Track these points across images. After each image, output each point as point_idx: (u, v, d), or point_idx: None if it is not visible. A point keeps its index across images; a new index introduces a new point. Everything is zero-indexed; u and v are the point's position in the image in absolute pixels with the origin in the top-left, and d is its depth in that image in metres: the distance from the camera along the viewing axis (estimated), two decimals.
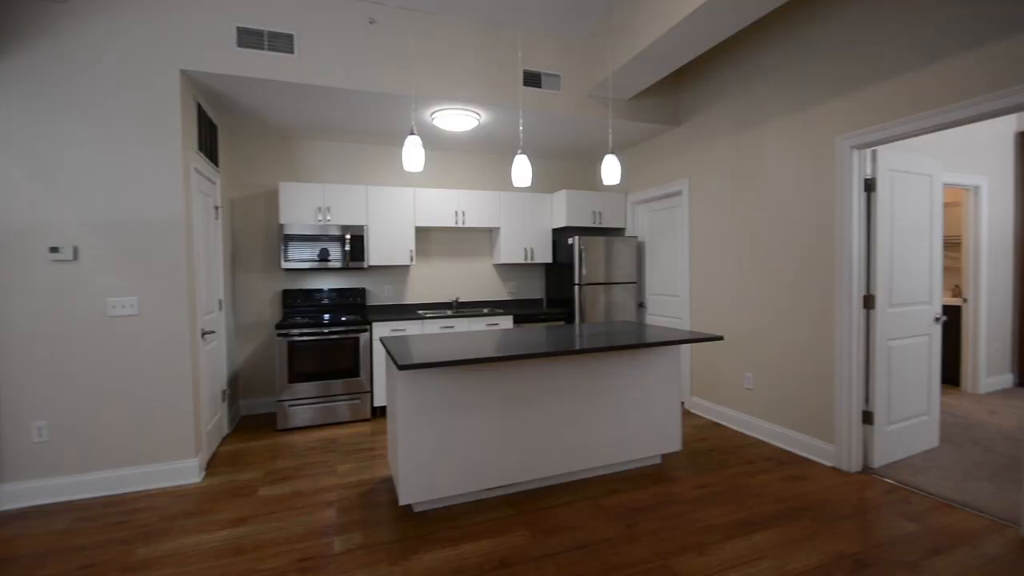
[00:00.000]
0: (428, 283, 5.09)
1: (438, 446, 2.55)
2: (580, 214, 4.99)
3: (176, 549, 2.28)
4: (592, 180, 5.75)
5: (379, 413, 4.38)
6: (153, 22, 2.91)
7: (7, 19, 2.65)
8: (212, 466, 3.27)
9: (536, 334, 3.07)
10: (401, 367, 2.13)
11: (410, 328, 4.35)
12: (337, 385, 4.13)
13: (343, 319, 4.17)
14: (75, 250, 2.79)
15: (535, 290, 5.54)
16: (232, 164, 4.39)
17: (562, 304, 5.03)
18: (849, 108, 2.96)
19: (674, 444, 3.15)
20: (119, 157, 2.85)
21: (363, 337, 4.18)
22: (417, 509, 2.60)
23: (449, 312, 4.55)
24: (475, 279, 5.28)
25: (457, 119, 3.93)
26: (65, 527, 2.49)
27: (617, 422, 2.98)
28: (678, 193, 4.46)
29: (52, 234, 2.75)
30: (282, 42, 3.17)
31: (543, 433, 2.79)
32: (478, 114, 3.93)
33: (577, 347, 2.54)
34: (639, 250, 5.07)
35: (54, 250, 2.74)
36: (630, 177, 5.16)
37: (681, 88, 4.37)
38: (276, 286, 4.56)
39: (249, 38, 3.10)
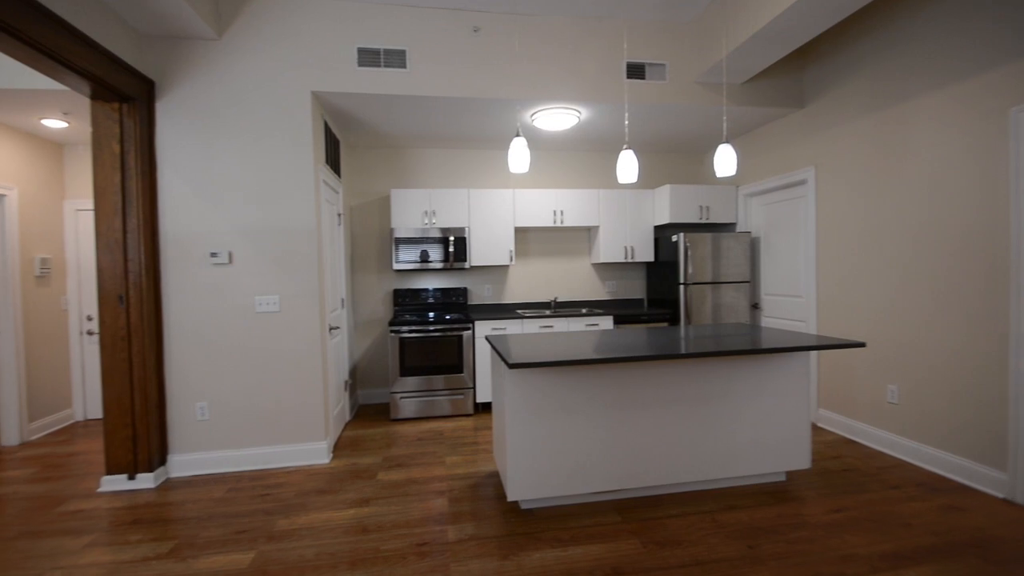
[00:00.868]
0: (527, 283, 5.14)
1: (545, 445, 2.56)
2: (685, 209, 4.74)
3: (311, 523, 2.53)
4: (697, 173, 5.43)
5: (481, 409, 4.51)
6: (289, 52, 3.25)
7: (172, 57, 3.12)
8: (337, 449, 3.59)
9: (642, 336, 2.96)
10: (512, 366, 2.16)
11: (510, 327, 4.42)
12: (443, 380, 4.33)
13: (447, 317, 4.35)
14: (230, 255, 3.21)
15: (635, 290, 5.36)
16: (351, 174, 4.79)
17: (664, 305, 4.81)
18: None
19: (802, 461, 2.86)
20: (263, 172, 3.23)
21: (466, 335, 4.33)
22: (524, 506, 2.63)
23: (547, 312, 4.55)
24: (573, 278, 5.23)
25: (557, 118, 3.92)
26: (221, 495, 2.87)
27: (735, 433, 2.77)
28: (801, 182, 4.05)
29: (212, 240, 3.19)
30: (396, 58, 3.38)
31: (652, 439, 2.68)
32: (579, 112, 3.89)
33: (691, 351, 2.40)
34: (752, 246, 4.68)
35: (214, 255, 3.18)
36: (742, 167, 4.79)
37: (804, 66, 3.95)
38: (388, 286, 4.89)
39: (367, 57, 3.34)
